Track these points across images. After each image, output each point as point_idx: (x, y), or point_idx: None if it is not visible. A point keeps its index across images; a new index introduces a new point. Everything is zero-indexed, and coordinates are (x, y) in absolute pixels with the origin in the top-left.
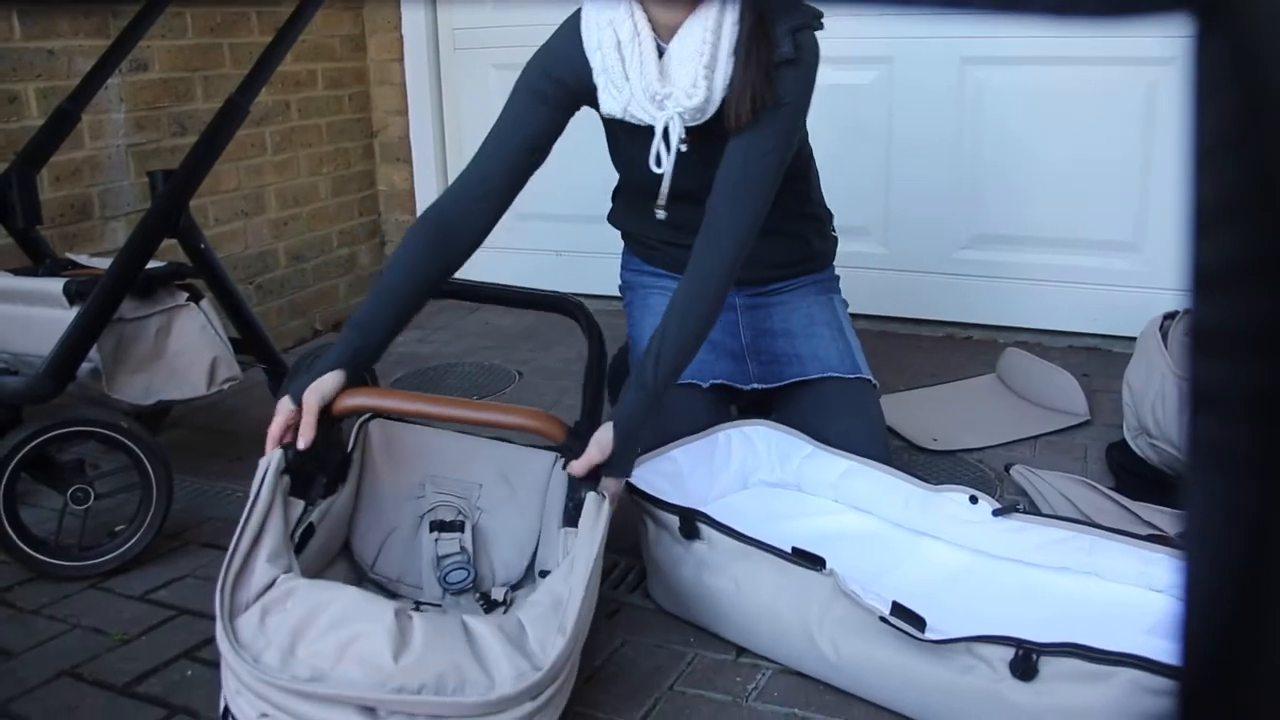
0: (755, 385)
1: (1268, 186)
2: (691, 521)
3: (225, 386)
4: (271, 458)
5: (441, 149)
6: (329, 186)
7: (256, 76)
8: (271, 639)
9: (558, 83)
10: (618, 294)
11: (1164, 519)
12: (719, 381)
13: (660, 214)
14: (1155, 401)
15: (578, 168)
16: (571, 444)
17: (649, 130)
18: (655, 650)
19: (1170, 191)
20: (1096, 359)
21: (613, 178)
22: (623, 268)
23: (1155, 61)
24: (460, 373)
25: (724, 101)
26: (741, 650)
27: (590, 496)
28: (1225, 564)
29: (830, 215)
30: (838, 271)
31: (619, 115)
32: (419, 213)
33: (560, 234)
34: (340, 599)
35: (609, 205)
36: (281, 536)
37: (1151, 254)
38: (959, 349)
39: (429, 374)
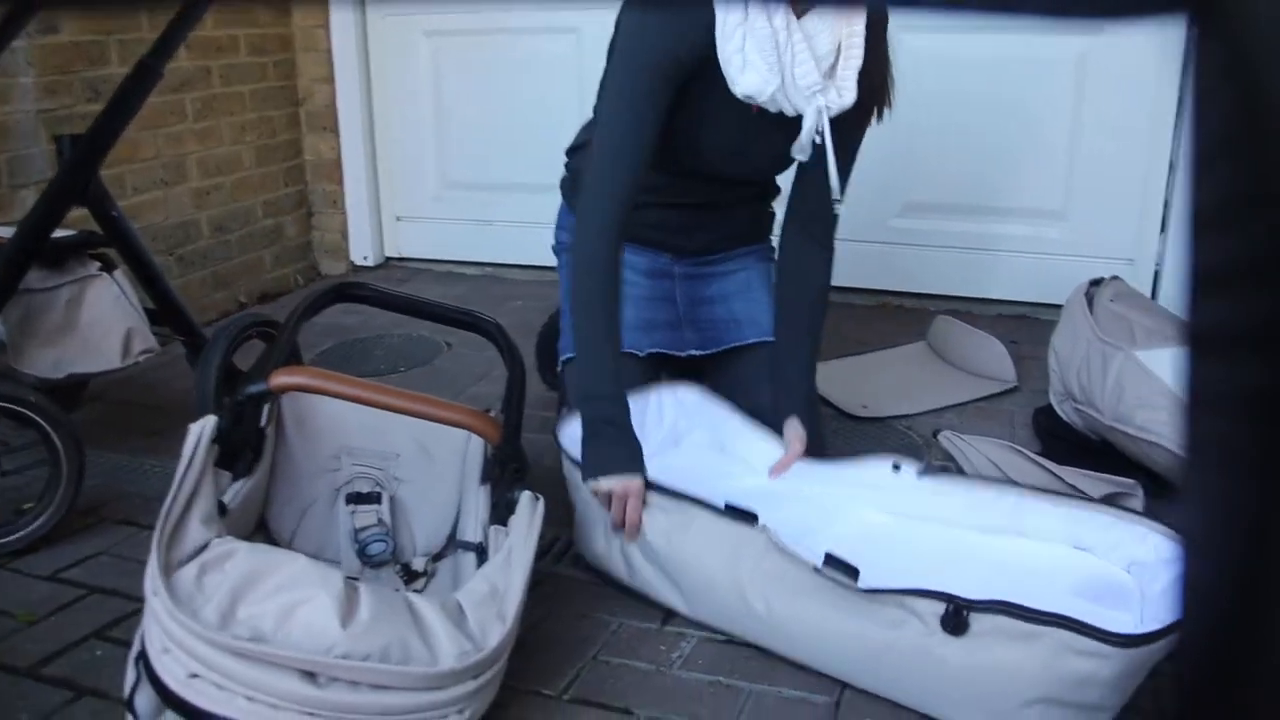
0: (692, 352)
1: (1266, 187)
2: None
3: (141, 359)
4: (205, 424)
5: (369, 118)
6: (253, 155)
7: (170, 39)
8: (210, 596)
9: (680, 64)
10: (551, 264)
11: (1088, 483)
12: (656, 350)
13: (839, 209)
14: (1080, 367)
15: (507, 136)
16: (506, 446)
17: (755, 113)
18: (580, 620)
19: (1098, 160)
20: (1025, 327)
21: (546, 143)
22: (559, 227)
23: (1085, 31)
24: (388, 344)
25: (861, 100)
26: (667, 619)
27: (525, 496)
28: (1225, 564)
29: (779, 190)
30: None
31: (760, 100)
32: (346, 184)
33: (490, 203)
34: (287, 564)
35: (541, 173)
36: (213, 503)
37: (1080, 222)
38: (890, 317)
39: (356, 345)
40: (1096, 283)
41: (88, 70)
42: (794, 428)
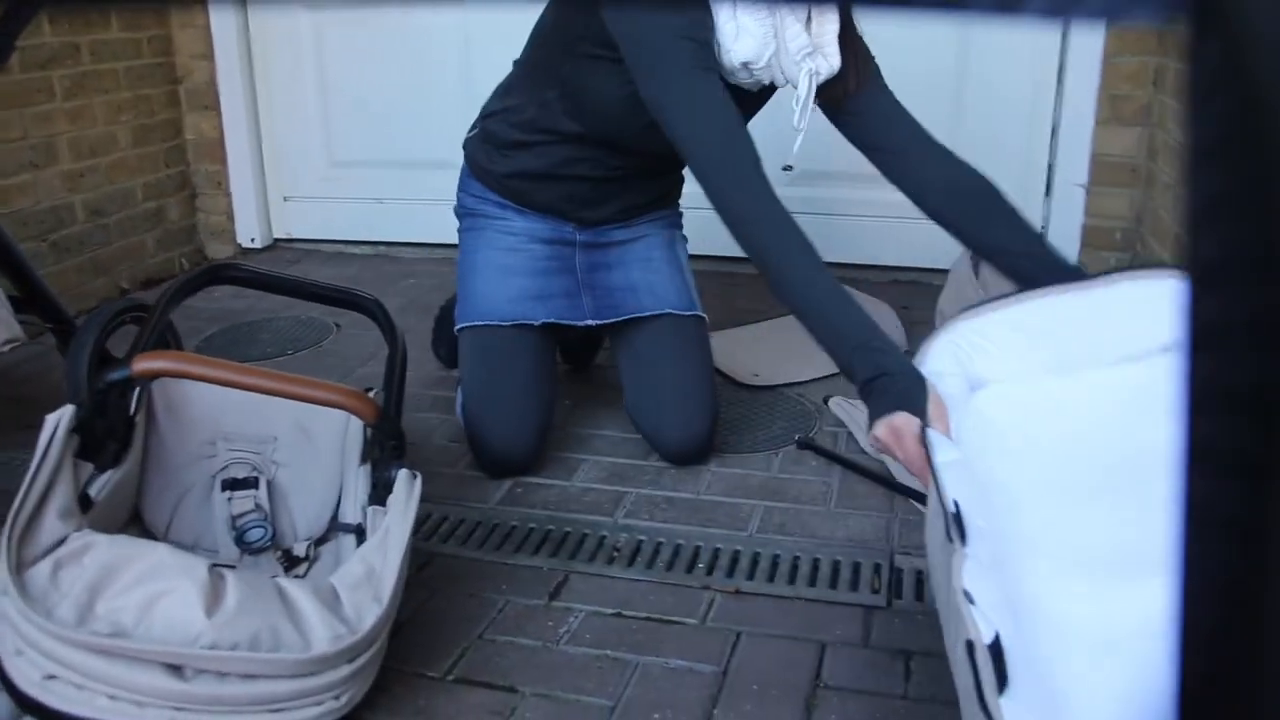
0: (589, 321)
1: (1263, 186)
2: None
3: (6, 349)
4: (62, 414)
5: (252, 95)
6: (130, 136)
7: (20, 11)
8: (66, 593)
9: (707, 45)
10: (444, 241)
11: None
12: (552, 320)
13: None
14: None
15: (394, 112)
16: (383, 424)
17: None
18: (466, 599)
19: (982, 126)
20: (918, 292)
21: (437, 119)
22: (463, 190)
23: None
24: (275, 327)
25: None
26: (554, 594)
27: (402, 474)
28: (1220, 570)
29: None
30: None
31: (757, 68)
32: (230, 164)
33: (382, 181)
34: (148, 555)
35: (430, 150)
36: (71, 496)
37: None
38: None
39: (243, 329)
40: None
41: None
42: None
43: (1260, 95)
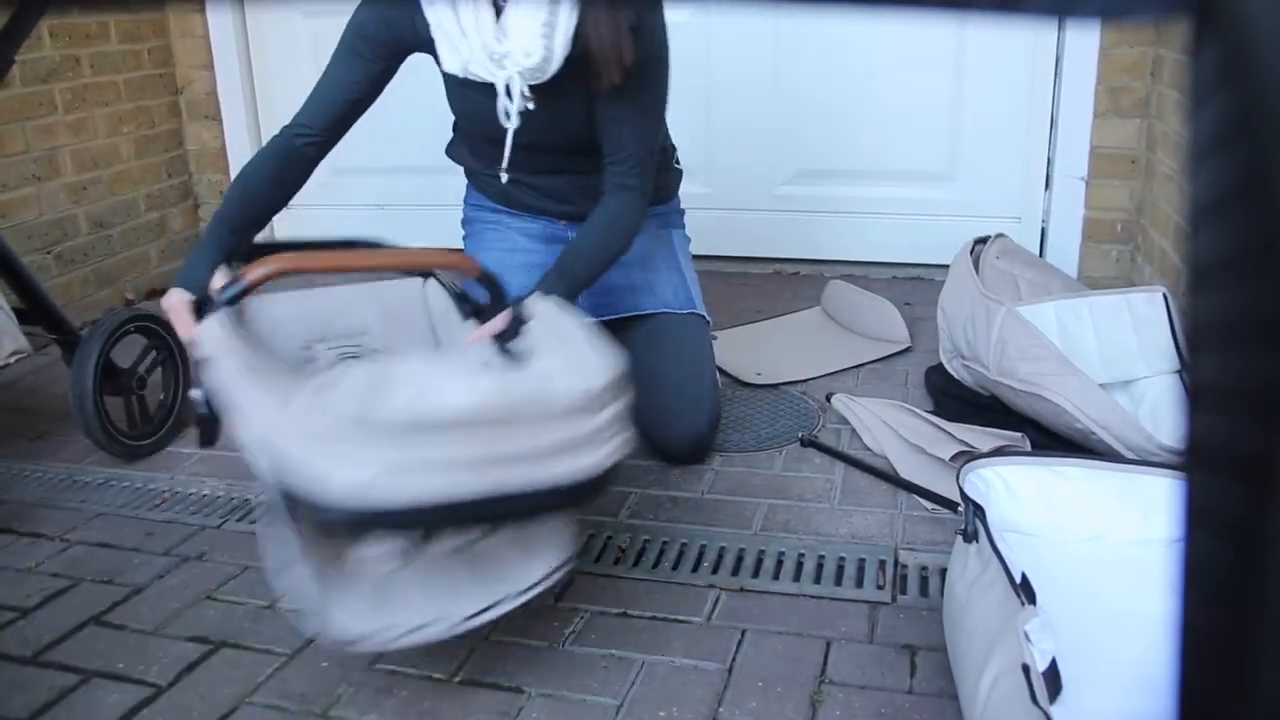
0: (587, 319)
1: (1263, 184)
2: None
3: (12, 360)
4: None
5: (253, 104)
6: (132, 147)
7: (18, 25)
8: (335, 405)
9: (375, 43)
10: (444, 246)
11: (976, 438)
12: None
13: (504, 176)
14: (966, 324)
15: (397, 119)
16: (486, 279)
17: (491, 86)
18: None
19: (981, 121)
20: (919, 288)
21: (437, 124)
22: (464, 202)
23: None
24: None
25: (585, 60)
26: (560, 595)
27: (533, 299)
28: (1220, 571)
29: (673, 148)
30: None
31: (459, 73)
32: (232, 173)
33: (382, 187)
34: (404, 363)
35: (432, 156)
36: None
37: (967, 183)
38: (786, 284)
39: None
40: (982, 241)
41: None
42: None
43: (1260, 95)
